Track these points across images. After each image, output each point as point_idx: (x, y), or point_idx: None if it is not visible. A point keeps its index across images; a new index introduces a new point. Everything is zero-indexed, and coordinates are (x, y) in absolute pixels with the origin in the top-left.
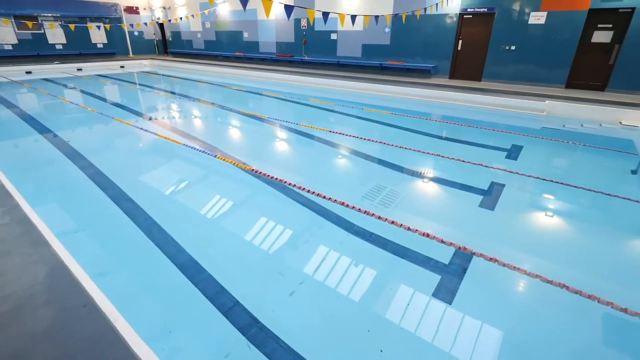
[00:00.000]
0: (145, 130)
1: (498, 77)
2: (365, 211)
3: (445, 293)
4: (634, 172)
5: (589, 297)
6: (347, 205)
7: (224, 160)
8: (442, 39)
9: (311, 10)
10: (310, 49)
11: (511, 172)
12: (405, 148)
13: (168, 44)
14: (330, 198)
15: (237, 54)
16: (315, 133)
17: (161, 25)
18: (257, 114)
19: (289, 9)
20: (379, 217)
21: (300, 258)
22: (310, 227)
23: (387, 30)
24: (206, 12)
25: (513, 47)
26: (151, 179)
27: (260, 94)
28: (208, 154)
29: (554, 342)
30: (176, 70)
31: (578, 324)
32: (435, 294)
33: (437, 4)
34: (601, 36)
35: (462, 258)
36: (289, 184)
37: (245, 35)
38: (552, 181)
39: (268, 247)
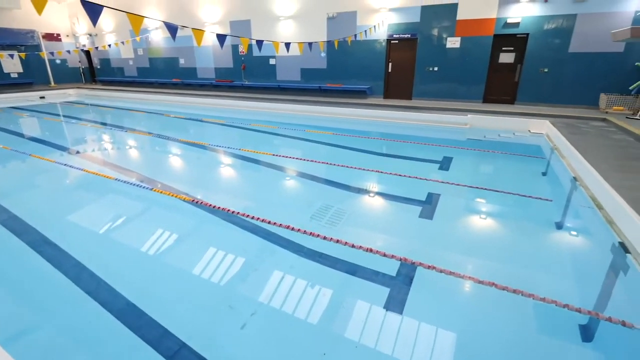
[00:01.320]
0: (70, 167)
1: (426, 95)
2: (311, 232)
3: (395, 304)
4: (544, 174)
5: (514, 291)
6: (294, 229)
7: (161, 192)
8: (374, 62)
9: (244, 38)
10: (250, 74)
11: (445, 182)
12: (348, 167)
13: (96, 71)
14: (276, 223)
15: (174, 80)
16: (259, 157)
17: (87, 53)
18: (198, 142)
19: (221, 38)
20: (328, 238)
21: (251, 287)
22: (259, 254)
23: (323, 55)
24: (137, 38)
25: (436, 68)
26: (79, 220)
27: (200, 121)
28: (144, 187)
29: (494, 337)
30: (106, 99)
31: (510, 317)
32: (387, 306)
33: (365, 31)
34: (506, 57)
35: (408, 268)
36: (235, 212)
37: (182, 61)
38: (479, 188)
39: (215, 280)
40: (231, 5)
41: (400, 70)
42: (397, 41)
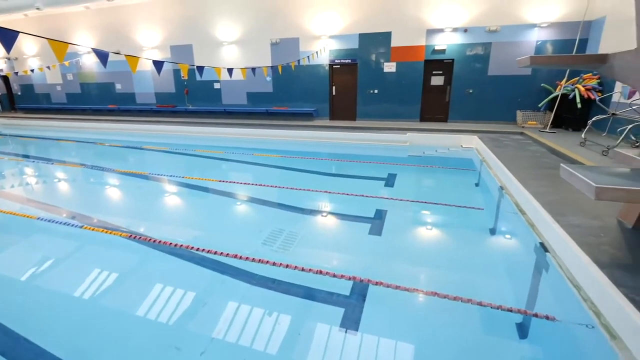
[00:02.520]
0: None
1: (369, 116)
2: (261, 259)
3: (351, 323)
4: (476, 184)
5: (454, 298)
6: (245, 258)
7: (95, 229)
8: (319, 86)
9: (183, 65)
10: (194, 99)
11: (391, 198)
12: (298, 189)
13: (16, 98)
14: (224, 253)
15: (110, 106)
16: (206, 184)
17: (5, 78)
18: (138, 171)
19: (158, 64)
20: (280, 263)
21: (200, 324)
22: (208, 287)
23: (268, 79)
24: (66, 63)
25: (376, 91)
26: None
27: (140, 149)
28: (73, 225)
29: (444, 344)
30: (29, 128)
31: (456, 323)
32: (343, 326)
33: (308, 57)
34: (437, 80)
35: (361, 286)
36: (179, 245)
37: (118, 86)
38: (422, 202)
39: (161, 320)
40: (171, 29)
41: (343, 93)
42: (338, 66)
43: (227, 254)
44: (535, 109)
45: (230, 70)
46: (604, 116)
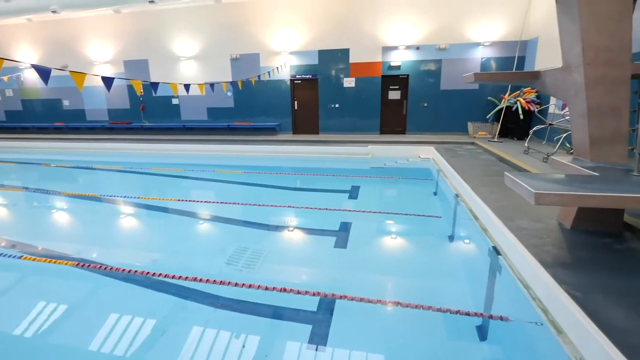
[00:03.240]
0: None
1: (331, 130)
2: (222, 281)
3: (319, 339)
4: (435, 193)
5: (416, 306)
6: (208, 280)
7: (36, 260)
8: (281, 100)
9: (136, 81)
10: (150, 115)
11: (355, 210)
12: (262, 205)
13: None
14: (183, 276)
15: (57, 124)
16: (164, 204)
17: None
18: (88, 193)
19: (108, 81)
20: (243, 284)
21: (159, 355)
22: (168, 315)
23: (229, 94)
24: (5, 78)
25: (337, 105)
26: None
27: (91, 169)
28: (11, 255)
29: (411, 352)
30: None
31: (420, 331)
32: (311, 343)
33: (269, 72)
34: (394, 94)
35: (328, 301)
36: (135, 272)
37: (66, 103)
38: (385, 212)
39: (116, 354)
40: (125, 44)
41: (305, 107)
42: (300, 81)
43: (187, 277)
44: (484, 120)
45: (187, 86)
46: (543, 126)
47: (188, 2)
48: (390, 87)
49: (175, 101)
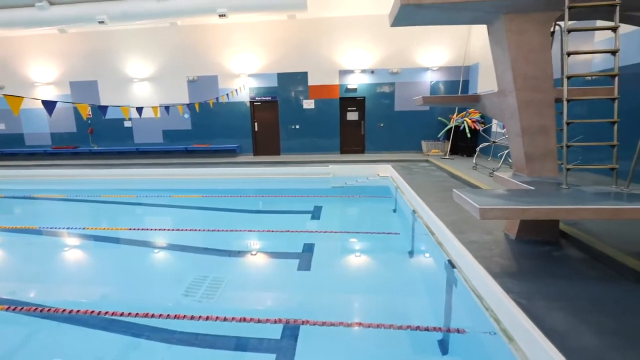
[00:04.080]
0: None
1: (292, 150)
2: (177, 315)
3: None
4: (394, 210)
5: (378, 326)
6: (157, 315)
7: None
8: (241, 122)
9: (82, 105)
10: (100, 138)
11: (318, 231)
12: (222, 230)
13: None
14: (132, 313)
15: None
16: (115, 234)
17: None
18: (24, 226)
19: (49, 105)
20: (201, 316)
21: None
22: (118, 356)
23: (186, 116)
24: None
25: (297, 126)
26: None
27: (29, 198)
28: None
29: None
30: None
31: (385, 350)
32: None
33: (228, 94)
34: (352, 115)
35: (291, 327)
36: (78, 312)
37: (1, 127)
38: (347, 232)
39: None
40: (72, 64)
41: (266, 128)
42: (259, 103)
43: (138, 313)
44: (436, 139)
45: (139, 109)
46: (487, 144)
47: (142, 24)
48: (348, 108)
49: (127, 124)
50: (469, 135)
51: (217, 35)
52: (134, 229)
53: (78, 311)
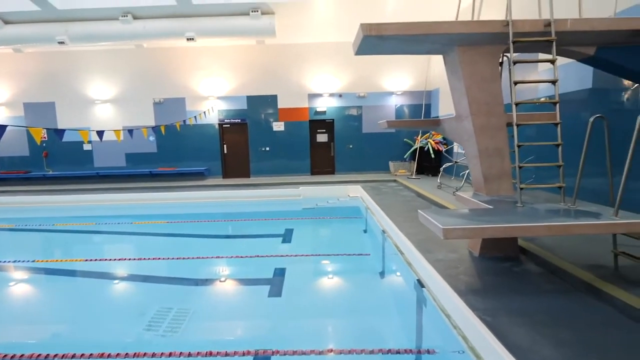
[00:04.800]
0: None
1: (262, 172)
2: (136, 354)
3: None
4: (365, 231)
5: (349, 352)
6: (114, 355)
7: None
8: (209, 144)
9: (36, 129)
10: (56, 162)
11: (289, 255)
12: (189, 257)
13: None
14: (90, 354)
15: None
16: (70, 266)
17: None
18: None
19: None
20: (162, 354)
21: None
22: None
23: (151, 139)
24: None
25: (267, 148)
26: None
27: None
28: None
29: None
30: None
31: None
32: None
33: (195, 117)
34: (322, 137)
35: (262, 359)
36: (22, 356)
37: None
38: (318, 254)
39: None
40: (26, 84)
41: (235, 150)
42: (229, 125)
43: (92, 354)
44: (402, 159)
45: (100, 133)
46: (450, 164)
47: (106, 45)
48: (318, 130)
49: (87, 146)
50: (432, 155)
51: (184, 58)
52: (91, 260)
53: (22, 355)
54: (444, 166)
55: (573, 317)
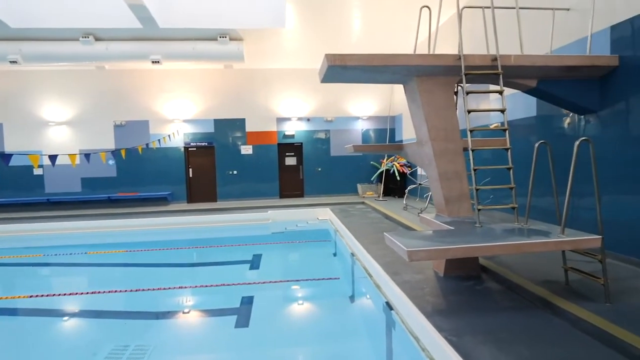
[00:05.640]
0: None
1: (230, 196)
2: None
3: None
4: (334, 254)
5: None
6: None
7: None
8: (174, 168)
9: None
10: (1, 187)
11: (257, 282)
12: (149, 289)
13: None
14: None
15: None
16: (10, 304)
17: None
18: None
19: None
20: None
21: None
22: None
23: (111, 162)
24: None
25: (235, 172)
26: None
27: None
28: None
29: None
30: None
31: None
32: None
33: (159, 140)
34: (290, 160)
35: None
36: None
37: None
38: (288, 280)
39: None
40: None
41: (201, 174)
42: (195, 148)
43: None
44: (370, 181)
45: (53, 157)
46: (415, 185)
47: (64, 65)
48: (287, 153)
49: (38, 171)
50: (398, 178)
51: (149, 80)
52: (37, 296)
53: None
54: (409, 188)
55: (531, 333)
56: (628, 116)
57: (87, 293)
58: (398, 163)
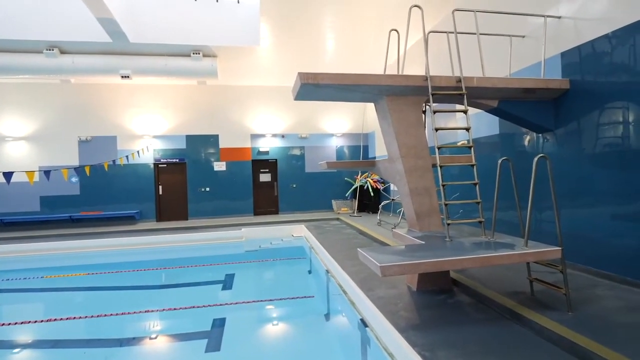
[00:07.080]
0: None
1: (202, 214)
2: None
3: None
4: (309, 272)
5: None
6: None
7: None
8: (142, 185)
9: None
10: None
11: (229, 303)
12: (112, 314)
13: None
14: None
15: None
16: None
17: None
18: None
19: None
20: None
21: None
22: None
23: (74, 180)
24: None
25: (208, 189)
26: None
27: None
28: None
29: None
30: None
31: None
32: None
33: (127, 156)
34: (265, 177)
35: None
36: None
37: None
38: (261, 300)
39: None
40: None
41: (172, 191)
42: (165, 165)
43: None
44: (344, 197)
45: (8, 175)
46: (388, 201)
47: (24, 78)
48: (261, 170)
49: None
50: (372, 193)
51: (118, 95)
52: None
53: None
54: (382, 203)
55: (501, 344)
56: (580, 135)
57: (43, 321)
58: (372, 179)
